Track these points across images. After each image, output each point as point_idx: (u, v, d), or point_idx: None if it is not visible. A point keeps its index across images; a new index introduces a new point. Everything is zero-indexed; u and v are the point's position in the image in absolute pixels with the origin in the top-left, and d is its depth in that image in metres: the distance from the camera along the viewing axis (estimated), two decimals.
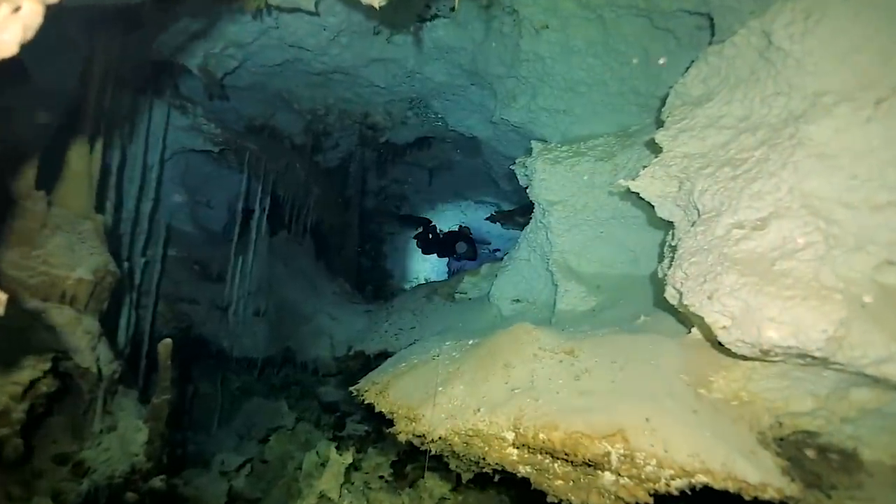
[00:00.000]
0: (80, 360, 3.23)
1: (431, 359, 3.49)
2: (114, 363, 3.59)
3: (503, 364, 2.92)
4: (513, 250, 5.63)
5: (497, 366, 2.93)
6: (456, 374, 3.09)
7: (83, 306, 3.43)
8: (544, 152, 4.83)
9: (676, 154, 3.05)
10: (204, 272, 6.79)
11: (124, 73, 4.41)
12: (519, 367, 2.86)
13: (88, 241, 3.53)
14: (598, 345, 3.00)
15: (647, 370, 2.78)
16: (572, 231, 4.76)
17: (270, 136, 8.41)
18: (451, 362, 3.29)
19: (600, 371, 2.75)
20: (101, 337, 3.57)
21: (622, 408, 2.37)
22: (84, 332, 3.31)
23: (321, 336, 6.76)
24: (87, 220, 3.72)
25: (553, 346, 2.98)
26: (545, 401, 2.46)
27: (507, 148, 7.32)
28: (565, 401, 2.45)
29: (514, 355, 2.96)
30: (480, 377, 2.84)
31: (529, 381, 2.69)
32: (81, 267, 3.37)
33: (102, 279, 3.57)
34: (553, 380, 2.65)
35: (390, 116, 7.88)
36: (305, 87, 7.32)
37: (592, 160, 4.55)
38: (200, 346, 6.45)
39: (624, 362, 2.81)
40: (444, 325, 5.69)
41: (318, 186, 8.36)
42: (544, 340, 3.04)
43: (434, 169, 10.83)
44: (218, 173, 8.41)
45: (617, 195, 4.45)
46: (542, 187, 4.77)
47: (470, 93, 6.75)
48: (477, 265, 10.36)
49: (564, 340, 3.04)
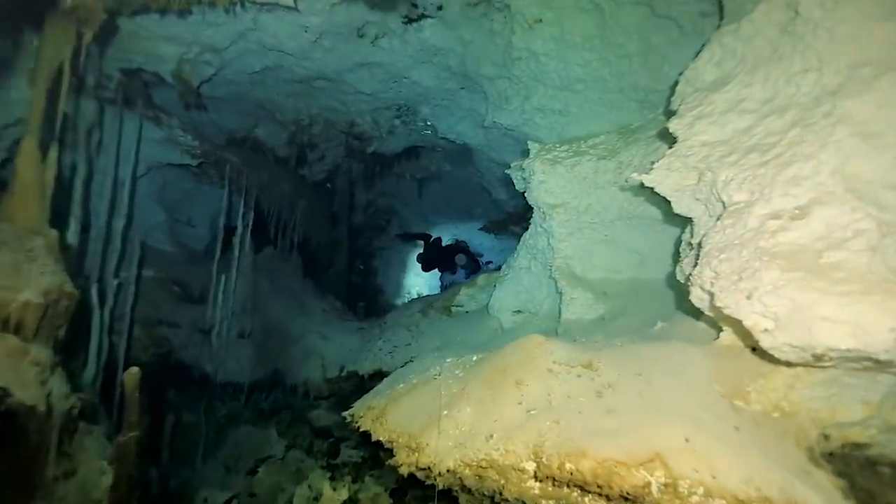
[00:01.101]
0: (25, 397, 2.81)
1: (432, 378, 3.15)
2: (72, 398, 3.17)
3: (514, 381, 2.59)
4: (511, 258, 5.33)
5: (507, 384, 2.60)
6: (461, 394, 2.75)
7: (31, 334, 3.02)
8: (542, 153, 4.57)
9: (694, 143, 2.79)
10: (184, 293, 6.40)
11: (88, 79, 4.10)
12: (533, 384, 2.54)
13: (39, 259, 3.14)
14: (618, 356, 2.69)
15: (677, 382, 2.47)
16: (575, 235, 4.48)
17: (253, 149, 8.10)
18: (455, 381, 2.95)
19: (625, 385, 2.44)
20: (56, 368, 3.16)
21: (657, 428, 2.05)
22: (31, 364, 2.90)
23: (311, 357, 6.37)
24: (39, 236, 3.33)
25: (569, 358, 2.67)
26: (567, 423, 2.13)
27: (500, 154, 7.07)
28: (590, 422, 2.13)
29: (525, 371, 2.64)
30: (489, 398, 2.51)
31: (546, 401, 2.36)
32: (29, 289, 2.97)
33: (56, 302, 3.17)
34: (573, 398, 2.33)
35: (377, 125, 7.61)
36: (287, 95, 7.04)
37: (594, 159, 4.30)
38: (182, 372, 6.03)
39: (650, 374, 2.50)
40: (442, 340, 5.35)
41: (304, 200, 8.04)
42: (558, 353, 2.72)
43: (424, 180, 10.56)
44: (198, 190, 8.06)
45: (621, 195, 4.18)
46: (542, 190, 4.50)
47: (460, 97, 6.51)
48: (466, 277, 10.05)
49: (581, 352, 2.73)
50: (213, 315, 6.06)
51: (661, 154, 3.91)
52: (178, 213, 8.14)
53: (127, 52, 4.76)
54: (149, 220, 7.27)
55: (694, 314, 3.27)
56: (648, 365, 2.58)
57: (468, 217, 11.36)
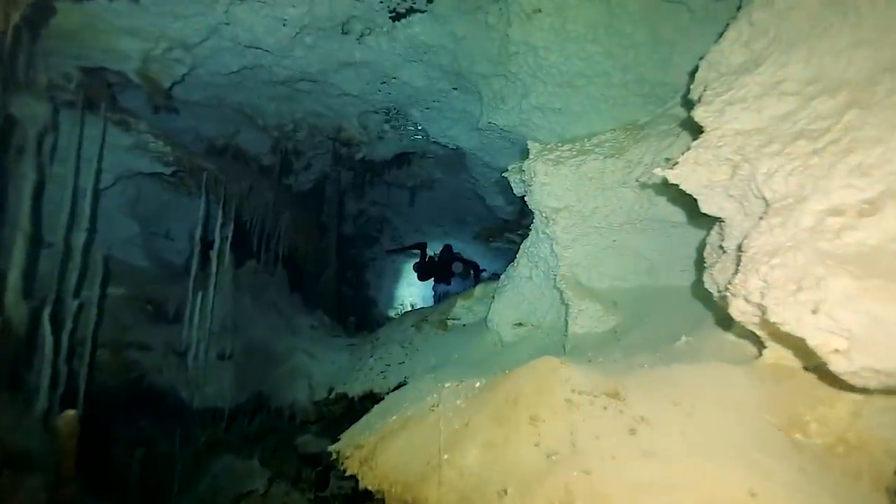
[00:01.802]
0: None
1: (429, 409, 2.73)
2: None
3: (528, 416, 2.18)
4: (511, 267, 4.94)
5: (520, 419, 2.19)
6: (465, 432, 2.34)
7: None
8: (544, 153, 4.21)
9: (725, 132, 2.42)
10: (158, 312, 5.93)
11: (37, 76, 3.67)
12: (551, 419, 2.13)
13: None
14: (647, 381, 2.30)
15: (722, 413, 2.08)
16: (581, 241, 4.11)
17: (234, 157, 7.68)
18: (456, 414, 2.54)
19: (662, 419, 2.04)
20: None
21: (713, 479, 1.65)
22: None
23: (298, 378, 5.91)
24: None
25: (590, 386, 2.26)
26: (600, 473, 1.73)
27: (495, 158, 6.71)
28: (628, 471, 1.73)
29: (540, 403, 2.23)
30: (500, 437, 2.10)
31: (569, 441, 1.95)
32: None
33: None
34: (602, 437, 1.93)
35: (365, 130, 7.23)
36: (269, 99, 6.65)
37: (601, 158, 3.93)
38: (154, 398, 5.55)
39: (689, 404, 2.10)
40: (438, 358, 4.93)
41: (289, 211, 7.61)
42: (577, 379, 2.32)
43: (415, 188, 10.19)
44: (177, 201, 7.61)
45: (631, 195, 3.82)
46: (544, 193, 4.12)
47: (452, 98, 6.15)
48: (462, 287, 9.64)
49: (603, 377, 2.32)
50: (188, 336, 5.59)
51: (675, 151, 3.57)
52: (155, 226, 7.67)
53: (84, 48, 4.34)
54: (120, 234, 6.80)
55: (721, 326, 2.90)
56: (685, 392, 2.18)
57: (462, 225, 11.00)
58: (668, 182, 3.27)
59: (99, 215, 6.47)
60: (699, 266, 3.76)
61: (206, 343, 5.68)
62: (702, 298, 3.59)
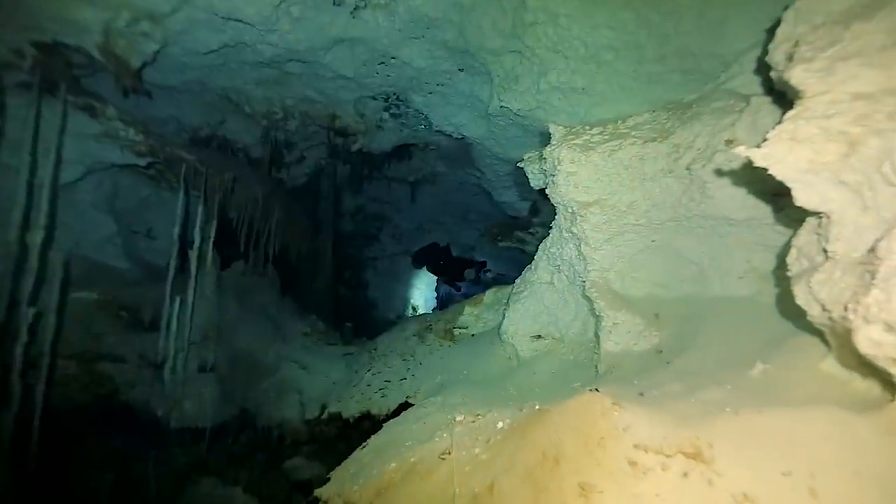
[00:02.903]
0: None
1: (439, 458, 2.13)
2: None
3: (577, 485, 1.59)
4: (528, 271, 4.33)
5: (566, 489, 1.59)
6: (486, 497, 1.74)
7: None
8: (570, 137, 3.59)
9: (838, 97, 1.81)
10: (133, 319, 5.34)
11: None
12: (610, 491, 1.53)
13: None
14: (737, 434, 1.69)
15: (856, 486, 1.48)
16: (614, 241, 3.50)
17: (221, 148, 7.07)
18: (476, 468, 1.94)
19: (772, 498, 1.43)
20: None
21: None
22: None
23: (288, 393, 5.32)
24: None
25: (660, 439, 1.66)
26: None
27: (505, 148, 6.10)
28: None
29: (592, 465, 1.63)
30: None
31: None
32: None
33: None
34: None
35: (362, 118, 6.62)
36: (256, 84, 6.04)
37: (640, 142, 3.32)
38: (127, 416, 4.96)
39: (807, 474, 1.50)
40: (444, 374, 4.33)
41: (281, 207, 7.00)
42: (641, 428, 1.72)
43: (417, 183, 9.58)
44: (158, 196, 7.00)
45: (677, 186, 3.21)
46: (571, 184, 3.51)
47: (458, 81, 5.53)
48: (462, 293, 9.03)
49: (676, 427, 1.72)
50: (165, 345, 5.00)
51: (740, 131, 2.95)
52: (136, 224, 7.06)
53: (35, 17, 3.74)
54: (96, 232, 6.20)
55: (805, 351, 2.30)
56: (795, 453, 1.58)
57: (467, 222, 10.39)
58: (732, 170, 2.65)
59: (71, 212, 5.90)
60: (762, 273, 3.18)
61: (185, 354, 5.09)
62: (767, 312, 3.00)
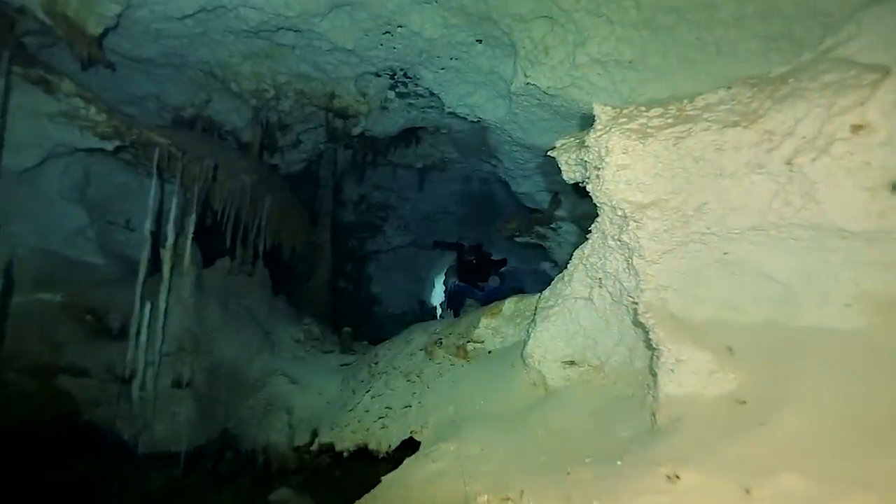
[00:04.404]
0: None
1: None
2: None
3: None
4: (559, 282, 3.60)
5: None
6: None
7: None
8: (622, 120, 2.83)
9: None
10: (100, 325, 4.67)
11: None
12: None
13: None
14: None
15: None
16: (676, 253, 2.75)
17: (207, 131, 6.35)
18: None
19: None
20: None
21: None
22: None
23: (275, 412, 4.66)
24: None
25: None
26: None
27: (528, 134, 5.31)
28: None
29: None
30: None
31: None
32: None
33: None
34: None
35: (364, 98, 5.85)
36: (244, 57, 5.28)
37: (716, 128, 2.55)
38: (90, 439, 4.32)
39: None
40: (457, 405, 3.63)
41: (274, 197, 6.29)
42: None
43: (425, 170, 8.82)
44: (138, 184, 6.30)
45: (769, 186, 2.45)
46: (622, 180, 2.76)
47: (475, 54, 4.74)
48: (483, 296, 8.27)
49: None
50: (134, 357, 4.34)
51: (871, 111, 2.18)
52: (113, 214, 6.39)
53: None
54: (63, 225, 5.53)
55: None
56: None
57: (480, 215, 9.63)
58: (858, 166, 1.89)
59: (33, 201, 5.22)
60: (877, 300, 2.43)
61: (156, 367, 4.43)
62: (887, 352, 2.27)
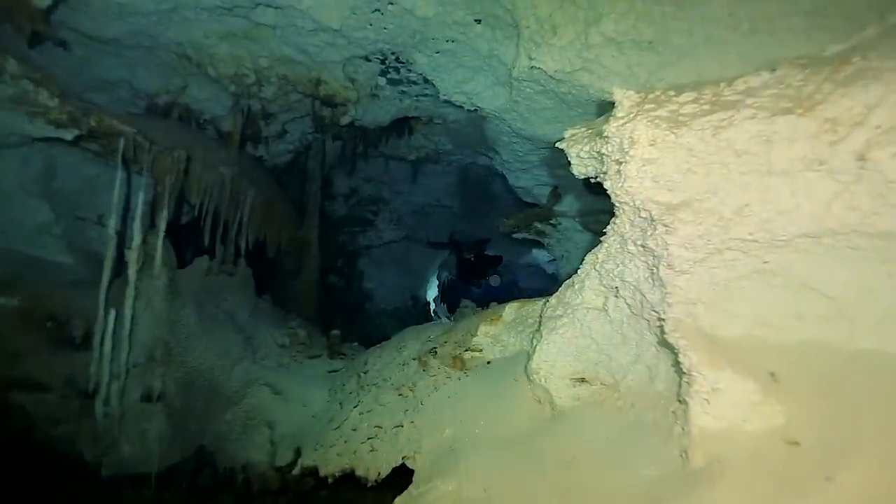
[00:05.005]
0: None
1: None
2: None
3: None
4: (568, 289, 3.22)
5: None
6: None
7: None
8: (648, 106, 2.44)
9: None
10: (61, 333, 4.25)
11: None
12: None
13: None
14: None
15: None
16: (710, 262, 2.38)
17: (185, 119, 5.89)
18: None
19: None
20: None
21: None
22: None
23: (256, 427, 4.28)
24: None
25: None
26: None
27: (532, 123, 4.91)
28: None
29: None
30: None
31: None
32: None
33: None
34: None
35: (353, 84, 5.41)
36: (220, 38, 4.83)
37: (764, 115, 2.17)
38: (47, 461, 3.92)
39: None
40: (454, 425, 3.26)
41: (257, 190, 5.85)
42: None
43: (419, 162, 8.40)
44: (109, 177, 5.82)
45: (826, 185, 2.07)
46: (649, 177, 2.38)
47: (474, 36, 4.32)
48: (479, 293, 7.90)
49: None
50: (98, 369, 3.93)
51: None
52: (83, 210, 5.93)
53: None
54: (25, 221, 5.09)
55: None
56: None
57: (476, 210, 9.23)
58: None
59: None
60: None
61: (123, 379, 4.03)
62: None
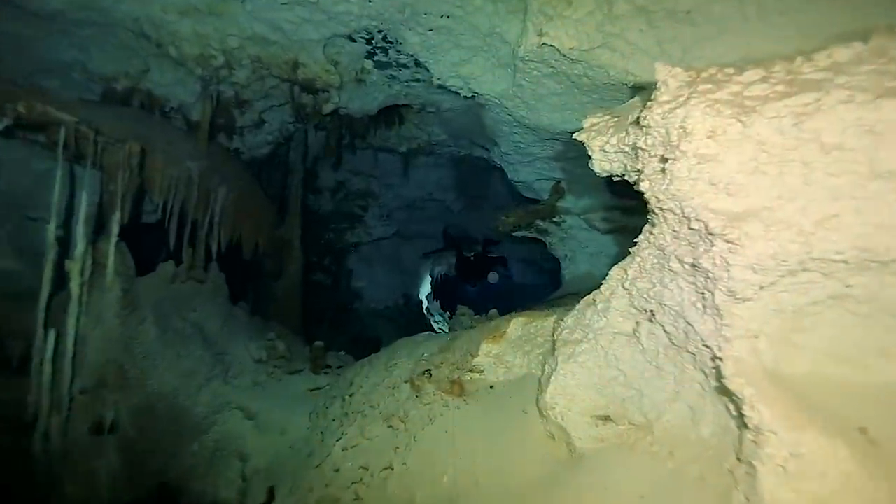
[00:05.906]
0: None
1: None
2: None
3: None
4: (588, 308, 2.73)
5: None
6: None
7: None
8: (704, 87, 1.92)
9: None
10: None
11: None
12: None
13: None
14: None
15: None
16: (779, 285, 1.88)
17: (146, 107, 5.27)
18: None
19: None
20: None
21: None
22: None
23: (226, 459, 3.75)
24: None
25: None
26: None
27: (536, 112, 4.38)
28: None
29: None
30: None
31: None
32: None
33: None
34: None
35: (336, 68, 4.83)
36: (181, 14, 4.22)
37: (865, 98, 1.66)
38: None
39: None
40: (453, 469, 2.75)
41: (230, 186, 5.27)
42: None
43: (410, 154, 7.84)
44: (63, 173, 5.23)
45: None
46: (703, 178, 1.87)
47: (472, 10, 3.77)
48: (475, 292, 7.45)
49: None
50: (37, 397, 3.37)
51: None
52: (32, 208, 5.31)
53: None
54: None
55: None
56: None
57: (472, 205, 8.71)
58: None
59: None
60: None
61: (67, 409, 3.47)
62: None
